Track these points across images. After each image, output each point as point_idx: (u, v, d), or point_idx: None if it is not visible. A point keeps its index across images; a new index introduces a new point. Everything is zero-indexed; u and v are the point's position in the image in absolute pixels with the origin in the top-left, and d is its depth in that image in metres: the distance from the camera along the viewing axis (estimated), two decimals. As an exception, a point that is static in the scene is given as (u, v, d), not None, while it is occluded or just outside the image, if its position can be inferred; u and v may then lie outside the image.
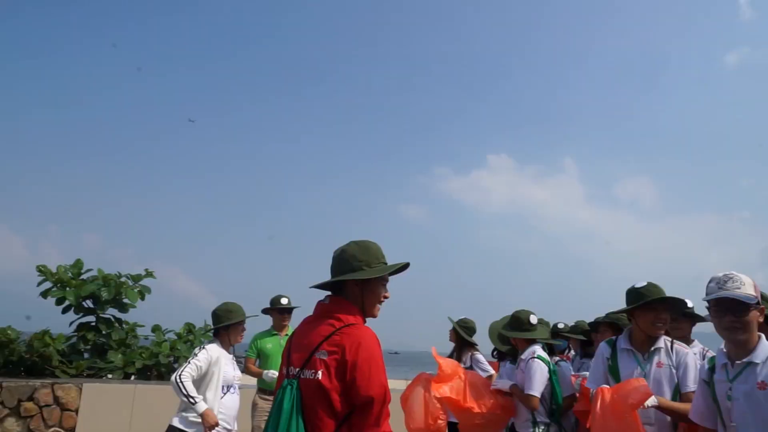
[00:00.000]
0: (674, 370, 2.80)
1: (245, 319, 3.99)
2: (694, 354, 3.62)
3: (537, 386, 3.76)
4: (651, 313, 2.88)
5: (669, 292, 2.97)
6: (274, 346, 5.23)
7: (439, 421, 3.91)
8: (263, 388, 5.19)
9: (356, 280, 2.01)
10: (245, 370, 5.28)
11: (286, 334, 5.21)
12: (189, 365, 3.67)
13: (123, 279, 8.23)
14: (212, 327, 3.95)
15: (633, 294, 2.96)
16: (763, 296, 2.59)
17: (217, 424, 3.65)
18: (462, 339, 4.97)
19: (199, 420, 3.62)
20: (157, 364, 7.88)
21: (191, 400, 3.61)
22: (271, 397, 4.75)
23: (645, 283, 2.95)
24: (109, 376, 7.58)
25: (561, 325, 5.32)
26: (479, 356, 4.98)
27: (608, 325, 4.31)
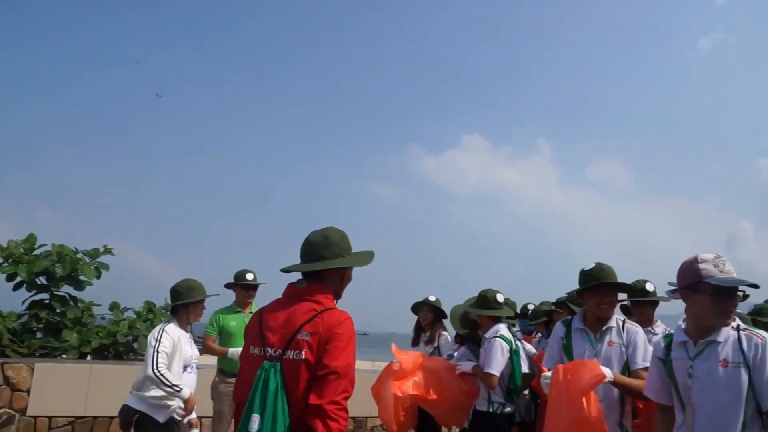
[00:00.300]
0: (624, 349, 2.89)
1: (206, 298, 3.85)
2: (656, 335, 3.70)
3: (496, 365, 3.80)
4: (597, 295, 2.98)
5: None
6: (238, 323, 4.92)
7: (408, 414, 3.94)
8: (224, 369, 4.88)
9: (338, 267, 2.15)
10: (204, 348, 4.95)
11: (251, 312, 4.94)
12: (159, 354, 3.53)
13: (79, 255, 7.93)
14: (171, 304, 3.81)
15: (582, 276, 3.06)
16: None
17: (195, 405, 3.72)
18: (438, 315, 5.00)
19: (159, 401, 3.51)
20: (115, 344, 7.65)
21: (176, 389, 3.57)
22: (232, 380, 4.48)
23: (593, 266, 3.03)
24: (64, 356, 7.33)
25: (531, 306, 5.39)
26: (448, 337, 4.99)
27: (565, 306, 4.42)
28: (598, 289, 2.97)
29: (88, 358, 7.44)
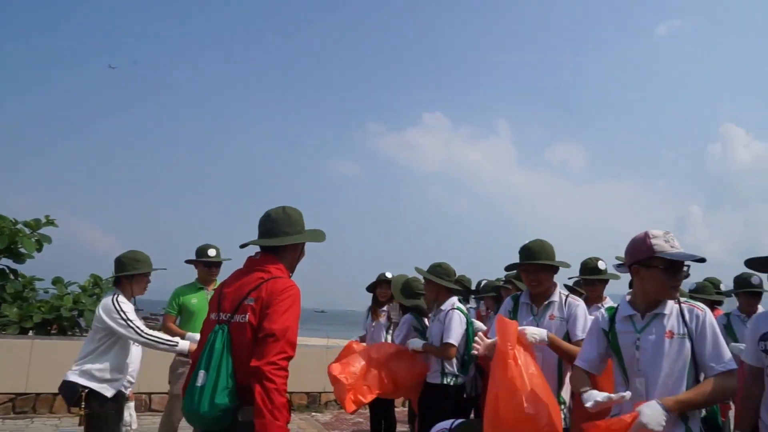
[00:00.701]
0: (564, 322, 2.97)
1: (151, 272, 3.65)
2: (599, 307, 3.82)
3: (455, 335, 3.85)
4: (525, 273, 3.11)
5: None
6: (200, 302, 4.59)
7: (367, 397, 3.95)
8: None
9: (295, 243, 2.37)
10: (163, 329, 4.64)
11: (214, 289, 4.73)
12: (136, 321, 3.43)
13: (18, 226, 7.53)
14: (114, 275, 3.59)
15: (519, 253, 3.14)
16: None
17: None
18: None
19: (107, 375, 3.36)
20: (59, 318, 7.37)
21: (171, 343, 3.53)
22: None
23: (527, 243, 3.12)
24: (3, 331, 7.01)
25: (485, 282, 5.50)
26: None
27: (512, 282, 4.56)
28: (526, 267, 3.08)
29: (30, 333, 7.15)
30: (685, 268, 2.26)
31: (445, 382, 3.94)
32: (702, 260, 2.25)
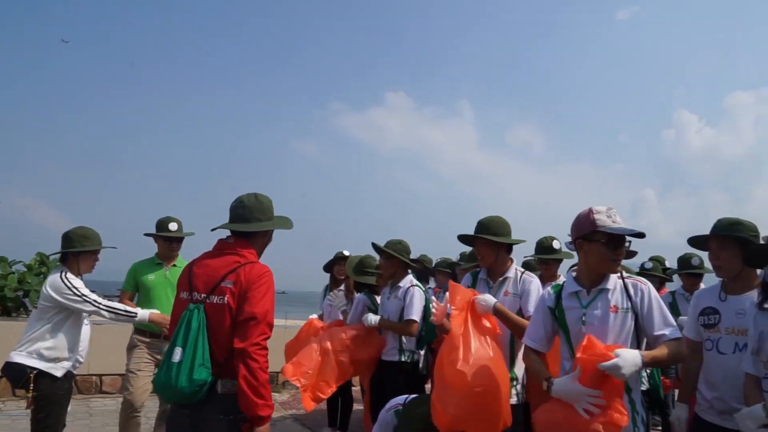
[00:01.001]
0: (518, 298, 3.01)
1: (100, 250, 3.50)
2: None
3: (417, 312, 3.90)
4: (475, 247, 3.22)
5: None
6: (158, 279, 4.29)
7: (326, 392, 3.98)
8: (141, 329, 4.23)
9: (267, 229, 2.49)
10: None
11: (174, 265, 4.37)
12: (92, 295, 3.34)
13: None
14: (61, 251, 3.42)
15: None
16: None
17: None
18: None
19: (55, 354, 3.23)
20: (2, 299, 7.07)
21: (131, 314, 3.53)
22: (153, 340, 4.19)
23: (480, 219, 3.18)
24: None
25: (440, 259, 5.60)
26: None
27: (468, 260, 4.69)
28: (477, 242, 3.15)
29: (-29, 314, 6.84)
30: (627, 244, 2.33)
31: (402, 359, 3.99)
32: (641, 235, 2.34)
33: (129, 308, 3.54)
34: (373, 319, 4.01)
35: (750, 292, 2.52)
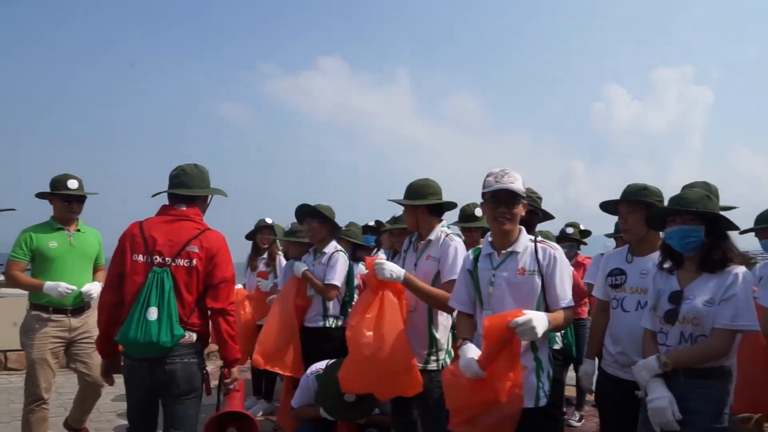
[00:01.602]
0: (437, 262, 3.00)
1: None
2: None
3: (339, 277, 3.90)
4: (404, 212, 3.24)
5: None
6: (61, 245, 3.67)
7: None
8: (41, 305, 3.62)
9: (204, 197, 2.82)
10: (8, 280, 3.76)
11: (78, 230, 3.79)
12: None
13: None
14: None
15: None
16: (530, 193, 2.99)
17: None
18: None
19: None
20: None
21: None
22: (59, 317, 3.60)
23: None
24: None
25: (372, 224, 5.60)
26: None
27: (393, 222, 4.73)
28: (403, 206, 3.16)
29: None
30: (520, 204, 2.44)
31: (326, 325, 3.99)
32: (513, 192, 2.40)
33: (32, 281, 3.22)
34: (300, 267, 3.98)
35: (653, 254, 2.67)
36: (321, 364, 3.48)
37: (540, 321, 2.20)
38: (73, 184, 3.71)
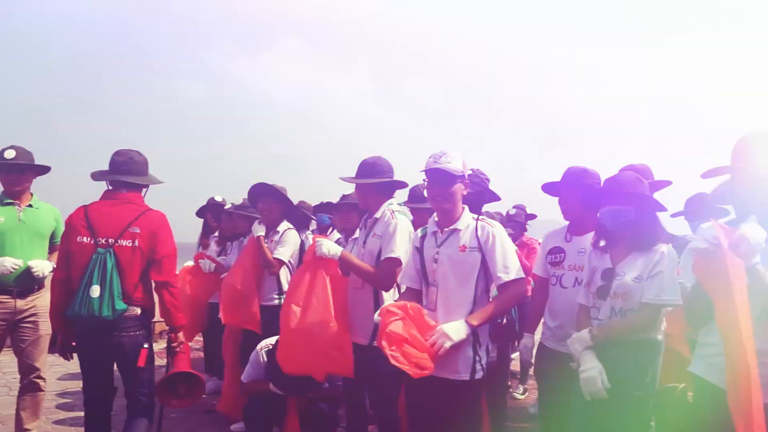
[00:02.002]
0: (379, 239, 2.99)
1: None
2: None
3: (287, 253, 3.92)
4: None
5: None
6: (10, 220, 3.42)
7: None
8: None
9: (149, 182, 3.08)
10: None
11: (30, 206, 3.53)
12: None
13: None
14: None
15: None
16: (479, 174, 3.14)
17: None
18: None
19: None
20: None
21: None
22: (2, 297, 3.37)
23: None
24: None
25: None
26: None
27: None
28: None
29: None
30: (460, 185, 2.51)
31: (280, 303, 3.98)
32: (447, 173, 2.48)
33: None
34: (258, 229, 3.95)
35: (590, 233, 2.80)
36: (271, 340, 3.51)
37: (453, 331, 2.35)
38: (9, 153, 3.44)
